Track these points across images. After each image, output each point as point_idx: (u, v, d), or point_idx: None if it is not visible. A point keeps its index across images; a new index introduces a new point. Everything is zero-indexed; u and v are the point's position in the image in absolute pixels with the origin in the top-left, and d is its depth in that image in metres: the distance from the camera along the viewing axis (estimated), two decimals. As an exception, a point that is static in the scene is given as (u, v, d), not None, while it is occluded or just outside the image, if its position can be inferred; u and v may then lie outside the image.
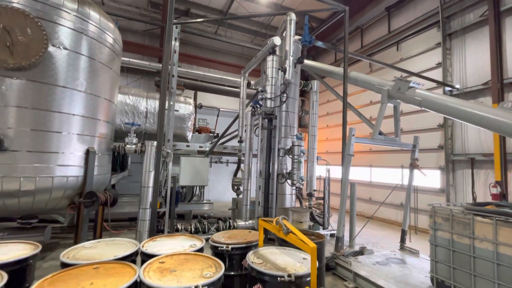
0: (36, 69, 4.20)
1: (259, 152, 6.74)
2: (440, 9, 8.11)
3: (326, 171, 7.31)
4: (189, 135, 8.89)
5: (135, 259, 3.05)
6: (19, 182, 4.04)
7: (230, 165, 13.34)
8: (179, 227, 5.92)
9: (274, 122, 6.40)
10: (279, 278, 2.56)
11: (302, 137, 6.44)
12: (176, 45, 6.85)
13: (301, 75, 7.94)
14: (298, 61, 6.51)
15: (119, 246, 3.16)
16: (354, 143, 4.98)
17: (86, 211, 4.77)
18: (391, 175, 9.52)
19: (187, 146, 7.53)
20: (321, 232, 6.27)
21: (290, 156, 6.28)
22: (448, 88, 7.85)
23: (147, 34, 12.44)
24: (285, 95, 6.55)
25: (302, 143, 6.27)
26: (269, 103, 6.60)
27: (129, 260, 2.82)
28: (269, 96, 6.66)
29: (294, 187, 6.75)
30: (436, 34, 8.43)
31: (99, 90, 5.11)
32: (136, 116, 7.92)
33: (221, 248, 3.33)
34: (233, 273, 3.32)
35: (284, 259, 3.02)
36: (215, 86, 10.69)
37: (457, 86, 7.76)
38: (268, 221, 3.32)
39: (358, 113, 6.66)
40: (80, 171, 4.74)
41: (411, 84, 5.08)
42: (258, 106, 6.54)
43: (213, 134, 10.04)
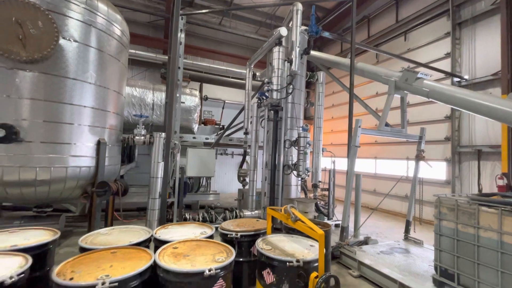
0: (48, 62, 4.29)
1: (265, 144, 6.80)
2: (451, -3, 7.92)
3: (332, 163, 7.37)
4: (195, 127, 8.97)
5: (149, 245, 3.18)
6: (35, 172, 4.20)
7: (235, 157, 13.46)
8: (187, 217, 6.07)
9: (280, 114, 6.43)
10: (288, 263, 2.67)
11: (308, 129, 6.46)
12: (182, 37, 6.84)
13: (307, 66, 7.89)
14: (305, 52, 6.48)
15: (133, 233, 3.29)
16: (360, 135, 5.01)
17: (99, 200, 4.93)
18: (396, 167, 9.52)
19: (194, 138, 7.62)
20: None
21: (296, 148, 6.34)
22: (457, 79, 7.75)
23: (151, 26, 12.38)
24: (291, 87, 6.54)
25: (308, 135, 6.31)
26: (275, 95, 6.60)
27: (143, 246, 2.95)
28: (275, 88, 6.65)
29: (300, 178, 6.83)
30: (446, 24, 8.25)
31: (108, 82, 5.19)
32: (143, 108, 8.02)
33: (231, 236, 3.45)
34: (242, 259, 3.44)
35: (292, 246, 3.12)
36: (221, 78, 10.66)
37: (466, 77, 7.65)
38: (276, 210, 3.41)
39: (365, 104, 6.64)
40: (92, 162, 4.88)
41: (419, 75, 5.05)
42: (264, 98, 6.56)
43: (219, 126, 10.11)
